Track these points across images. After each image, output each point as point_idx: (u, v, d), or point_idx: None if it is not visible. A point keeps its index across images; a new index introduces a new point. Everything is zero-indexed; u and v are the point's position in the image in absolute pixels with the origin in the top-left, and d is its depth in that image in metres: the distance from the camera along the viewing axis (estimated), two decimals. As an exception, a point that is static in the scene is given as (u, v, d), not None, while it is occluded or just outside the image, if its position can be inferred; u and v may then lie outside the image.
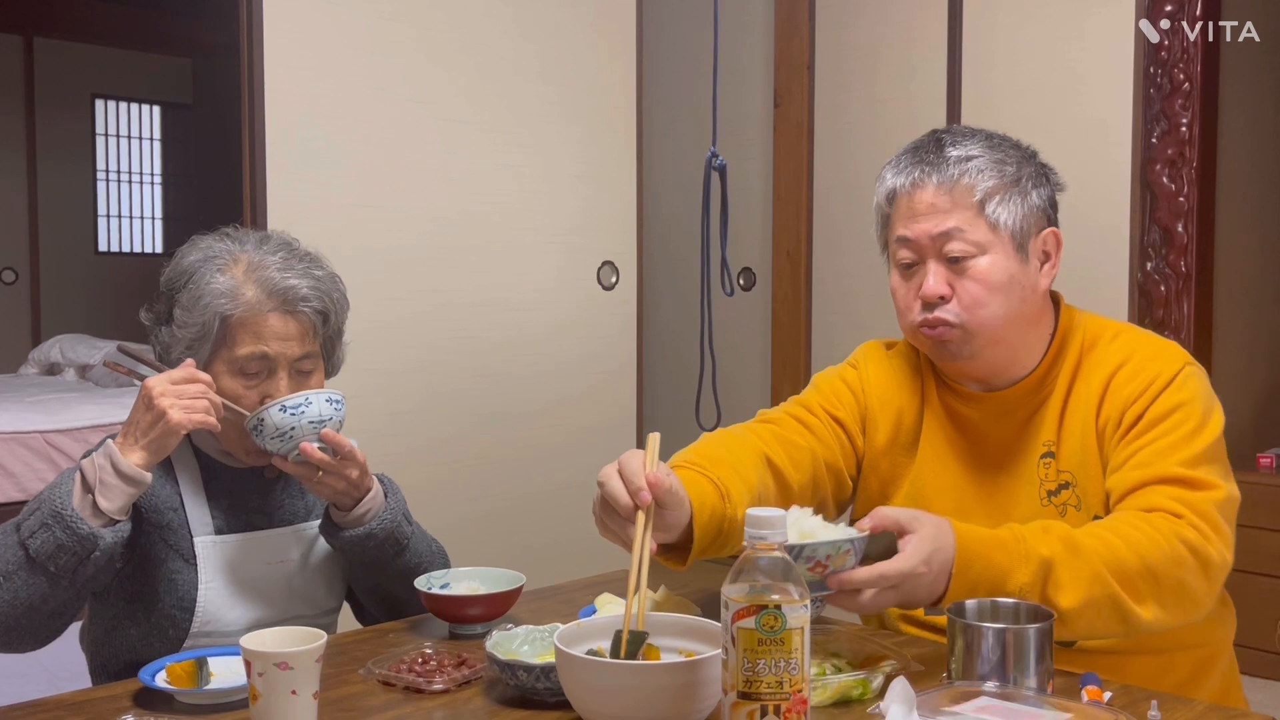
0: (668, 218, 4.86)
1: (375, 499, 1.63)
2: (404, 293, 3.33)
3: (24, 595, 1.44)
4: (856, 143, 4.24)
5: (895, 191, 1.57)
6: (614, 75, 3.78)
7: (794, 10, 4.40)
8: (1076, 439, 1.55)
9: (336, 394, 1.58)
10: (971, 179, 1.51)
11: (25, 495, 3.80)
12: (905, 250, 1.55)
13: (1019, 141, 1.60)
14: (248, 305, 1.56)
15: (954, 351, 1.55)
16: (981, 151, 1.53)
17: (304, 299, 1.59)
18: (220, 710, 1.29)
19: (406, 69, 3.31)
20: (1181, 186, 3.44)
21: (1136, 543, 1.39)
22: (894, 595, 1.32)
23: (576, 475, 3.75)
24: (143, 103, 8.56)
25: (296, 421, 1.53)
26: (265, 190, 3.04)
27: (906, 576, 1.31)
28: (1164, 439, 1.47)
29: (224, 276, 1.57)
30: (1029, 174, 1.55)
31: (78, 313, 7.68)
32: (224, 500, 1.64)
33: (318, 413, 1.54)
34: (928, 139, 1.58)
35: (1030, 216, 1.53)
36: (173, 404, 1.45)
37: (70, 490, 1.45)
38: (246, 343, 1.56)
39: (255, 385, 1.58)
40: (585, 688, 1.18)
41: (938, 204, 1.52)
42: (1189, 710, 1.29)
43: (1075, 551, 1.37)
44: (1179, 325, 3.45)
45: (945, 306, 1.53)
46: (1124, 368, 1.54)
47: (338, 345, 1.71)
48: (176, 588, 1.57)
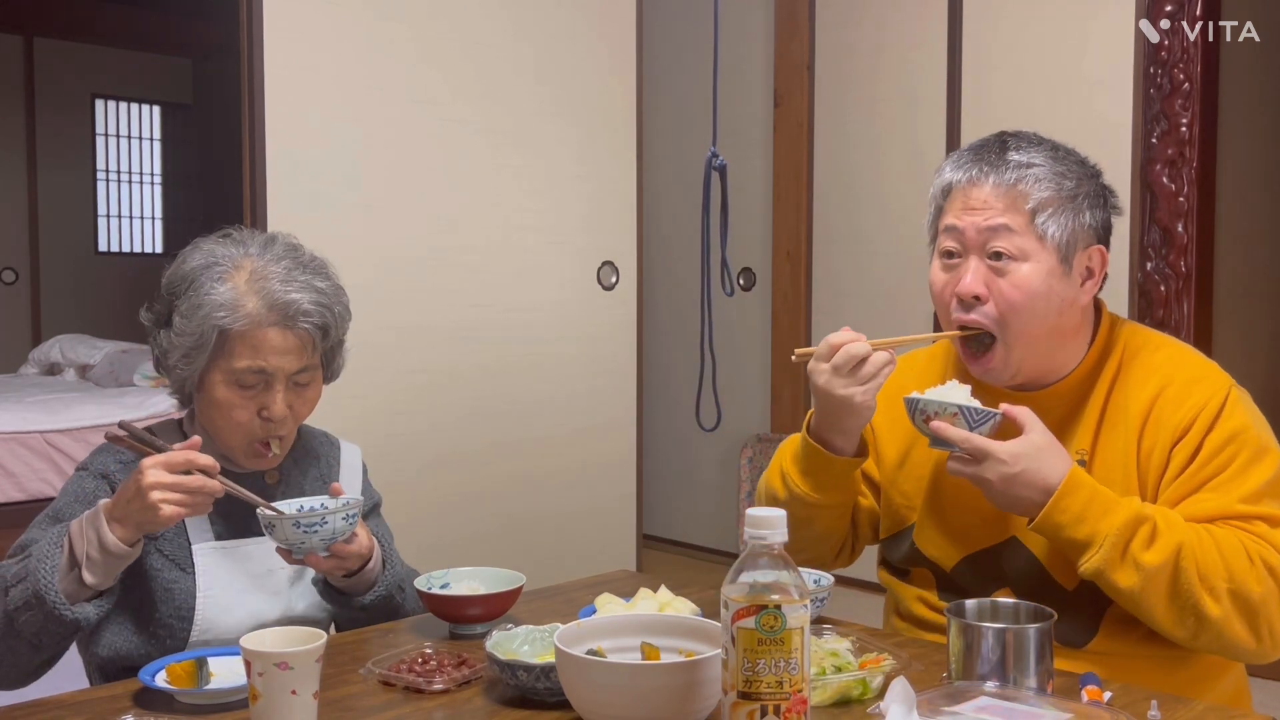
0: (668, 218, 4.87)
1: (374, 567, 1.62)
2: (404, 293, 3.33)
3: (7, 658, 1.45)
4: (856, 143, 4.24)
5: (952, 185, 1.57)
6: (614, 75, 3.78)
7: (794, 10, 4.40)
8: (1112, 453, 1.54)
9: (354, 508, 1.53)
10: (1028, 186, 1.51)
11: (25, 495, 3.80)
12: (951, 240, 1.55)
13: (1085, 159, 1.58)
14: (248, 318, 1.54)
15: (995, 368, 1.56)
16: (1043, 161, 1.53)
17: (305, 314, 1.56)
18: (220, 710, 1.29)
19: (406, 69, 3.31)
20: (1181, 186, 3.44)
21: (1222, 541, 1.42)
22: (970, 469, 1.45)
23: (576, 474, 3.75)
24: (143, 103, 8.56)
25: (307, 539, 1.49)
26: (265, 190, 3.04)
27: (988, 454, 1.42)
28: (1221, 474, 1.47)
29: (224, 286, 1.54)
30: (1086, 192, 1.54)
31: (78, 313, 7.68)
32: (224, 503, 1.61)
33: (331, 532, 1.49)
34: (993, 140, 1.58)
35: (1079, 233, 1.52)
36: (164, 497, 1.40)
37: (56, 565, 1.42)
38: (244, 356, 1.55)
39: (252, 396, 1.57)
40: (585, 688, 1.18)
41: (991, 202, 1.52)
42: (1189, 710, 1.29)
43: (1170, 523, 1.43)
44: (1179, 325, 3.45)
45: (980, 308, 1.53)
46: (1169, 389, 1.53)
47: (337, 355, 1.69)
48: (174, 597, 1.56)
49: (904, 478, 1.68)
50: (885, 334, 1.78)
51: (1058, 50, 3.62)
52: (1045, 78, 3.65)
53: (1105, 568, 1.41)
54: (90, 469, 1.61)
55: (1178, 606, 1.41)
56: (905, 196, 4.05)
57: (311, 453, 1.75)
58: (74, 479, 1.61)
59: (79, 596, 1.43)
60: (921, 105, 4.00)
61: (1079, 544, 1.42)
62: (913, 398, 1.48)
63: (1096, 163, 1.60)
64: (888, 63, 4.12)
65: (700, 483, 4.97)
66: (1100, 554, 1.41)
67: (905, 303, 4.02)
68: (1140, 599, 1.41)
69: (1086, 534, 1.42)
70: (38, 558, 1.43)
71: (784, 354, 4.50)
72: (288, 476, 1.69)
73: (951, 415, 1.45)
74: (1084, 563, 1.43)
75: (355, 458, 1.80)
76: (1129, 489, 1.51)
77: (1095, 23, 3.54)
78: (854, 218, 4.26)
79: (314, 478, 1.72)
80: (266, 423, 1.58)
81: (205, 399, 1.60)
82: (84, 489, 1.58)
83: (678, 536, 5.06)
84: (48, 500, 3.89)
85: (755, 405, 4.66)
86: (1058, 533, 1.43)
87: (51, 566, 1.41)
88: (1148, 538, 1.41)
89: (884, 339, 1.53)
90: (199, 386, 1.60)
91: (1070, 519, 1.42)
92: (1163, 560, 1.40)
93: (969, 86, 3.86)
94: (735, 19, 4.59)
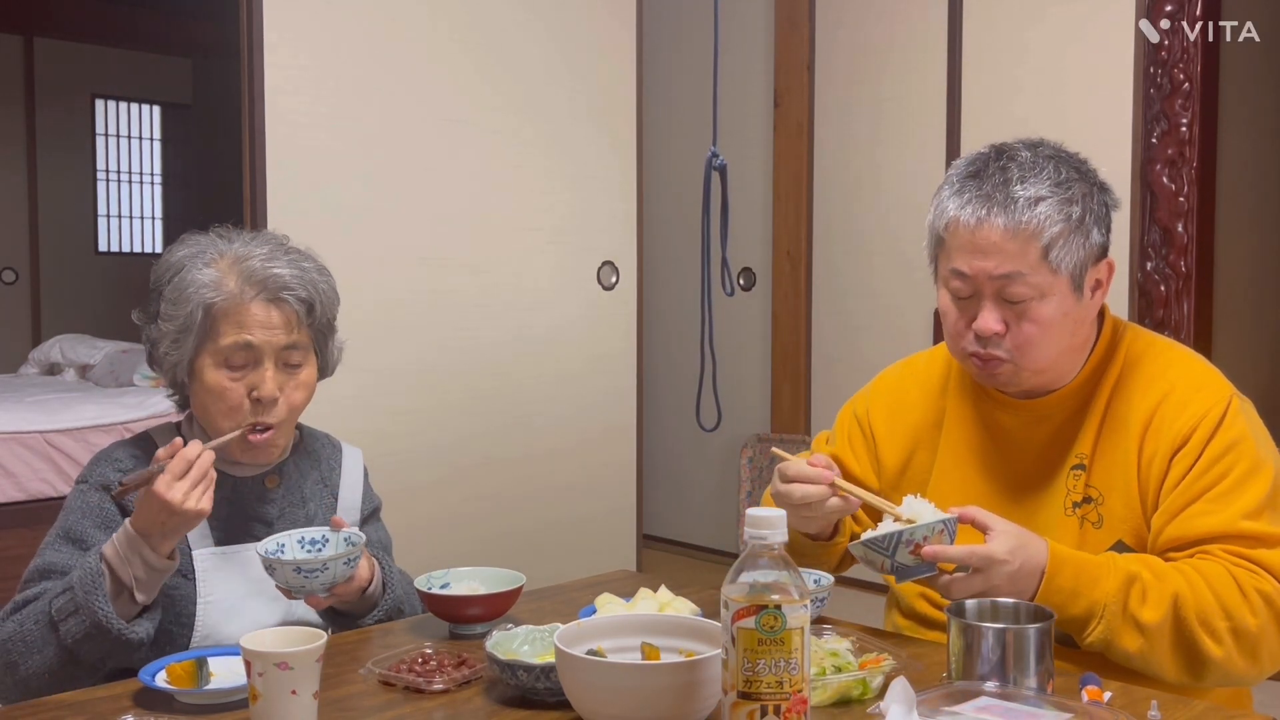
0: (668, 218, 4.86)
1: (374, 592, 1.63)
2: (404, 293, 3.33)
3: (69, 683, 1.45)
4: (856, 143, 4.24)
5: (956, 222, 1.50)
6: (614, 75, 3.78)
7: (794, 10, 4.40)
8: (1112, 459, 1.54)
9: (356, 551, 1.52)
10: (1039, 225, 1.46)
11: (25, 495, 3.79)
12: (960, 283, 1.52)
13: (1081, 164, 1.54)
14: (230, 294, 1.55)
15: (1003, 382, 1.56)
16: (1049, 191, 1.47)
17: (287, 286, 1.57)
18: (220, 710, 1.29)
19: (406, 69, 3.31)
20: (1181, 186, 3.44)
21: (1212, 578, 1.41)
22: (980, 581, 1.39)
23: (576, 475, 3.75)
24: (143, 103, 8.55)
25: (308, 583, 1.48)
26: (265, 190, 3.04)
27: (992, 561, 1.38)
28: (1219, 484, 1.46)
29: (209, 269, 1.57)
30: (1091, 209, 1.50)
31: (78, 313, 7.68)
32: (224, 508, 1.61)
33: (332, 578, 1.49)
34: (993, 167, 1.50)
35: (1089, 255, 1.51)
36: (190, 496, 1.43)
37: (105, 593, 1.44)
38: (229, 333, 1.56)
39: (241, 377, 1.57)
40: (585, 688, 1.18)
41: (1001, 245, 1.47)
42: (1189, 710, 1.29)
43: (1158, 574, 1.42)
44: (1179, 325, 3.45)
45: (999, 343, 1.51)
46: (1170, 397, 1.52)
47: (329, 341, 1.69)
48: (174, 603, 1.56)
49: (906, 484, 1.68)
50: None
51: (1058, 50, 3.62)
52: (1045, 78, 3.65)
53: (1110, 635, 1.41)
54: (90, 481, 1.60)
55: (1184, 655, 1.41)
56: (905, 196, 4.05)
57: (312, 455, 1.74)
58: (76, 494, 1.60)
59: (130, 614, 1.46)
60: (921, 105, 4.00)
61: (1079, 620, 1.42)
62: (888, 534, 1.40)
63: (1087, 159, 1.57)
64: (888, 63, 4.12)
65: (700, 483, 4.96)
66: (1104, 624, 1.41)
67: (905, 302, 4.02)
68: (1149, 657, 1.41)
69: (1084, 608, 1.41)
70: (83, 589, 1.43)
71: (784, 354, 4.50)
72: (288, 479, 1.69)
73: (939, 533, 1.39)
74: (1088, 636, 1.42)
75: (357, 461, 1.79)
76: (1128, 495, 1.51)
77: (1095, 23, 3.54)
78: (854, 218, 4.26)
79: (314, 481, 1.72)
80: (257, 404, 1.57)
81: (197, 387, 1.59)
82: (89, 503, 1.58)
83: (678, 537, 5.06)
84: (48, 500, 3.88)
85: (755, 405, 4.66)
86: (1057, 613, 1.39)
87: (102, 595, 1.43)
88: (1141, 596, 1.41)
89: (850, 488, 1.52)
90: (190, 374, 1.59)
91: (1065, 597, 1.41)
92: (1162, 615, 1.40)
93: (969, 86, 3.86)
94: (735, 19, 4.59)
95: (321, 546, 1.56)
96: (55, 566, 1.52)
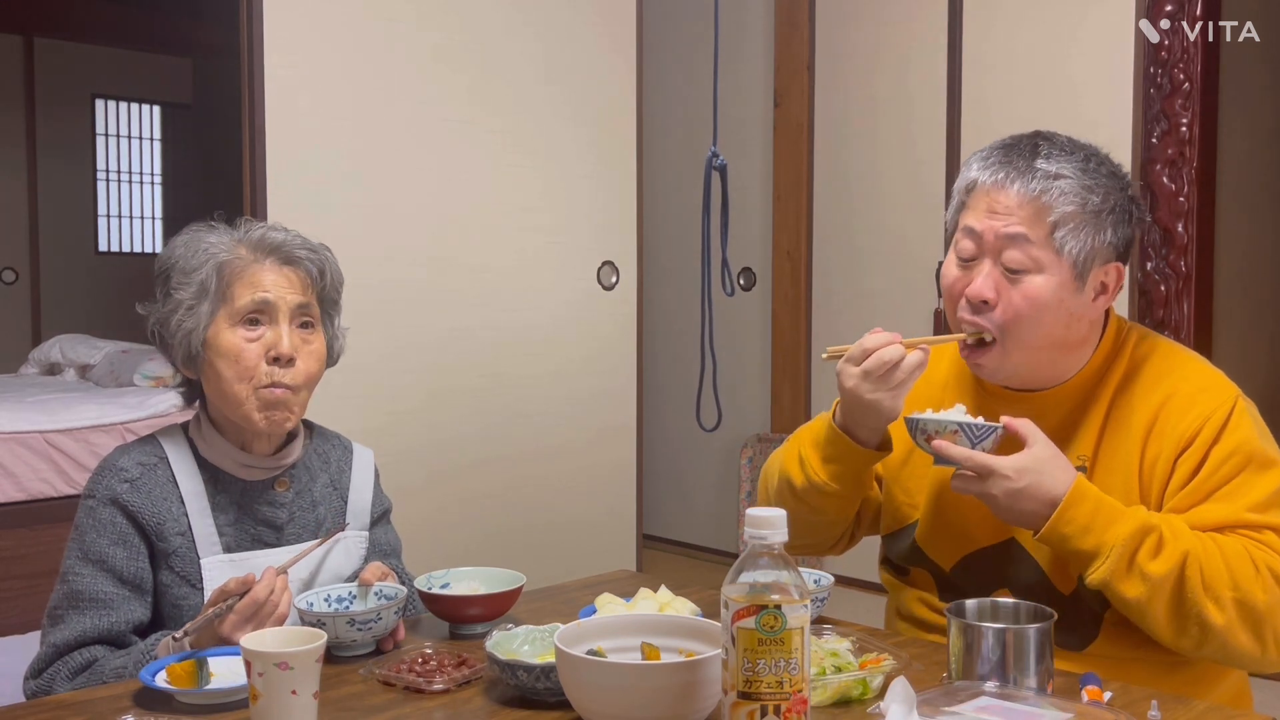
0: (668, 218, 4.87)
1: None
2: (404, 293, 3.33)
3: None
4: (856, 143, 4.24)
5: (977, 184, 1.54)
6: (614, 75, 3.78)
7: (794, 10, 4.40)
8: (1114, 459, 1.53)
9: (400, 602, 1.50)
10: (1052, 198, 1.48)
11: (26, 495, 3.79)
12: (968, 241, 1.54)
13: (1118, 169, 1.55)
14: (242, 259, 1.59)
15: (990, 370, 1.56)
16: (1072, 173, 1.49)
17: (297, 250, 1.61)
18: (220, 710, 1.29)
19: (406, 69, 3.31)
20: (1181, 186, 3.44)
21: (1227, 548, 1.41)
22: (976, 486, 1.44)
23: (577, 475, 3.75)
24: (143, 103, 8.55)
25: (360, 635, 1.47)
26: (265, 190, 3.04)
27: (991, 471, 1.42)
28: (1226, 485, 1.47)
29: (216, 236, 1.61)
30: (1112, 208, 1.51)
31: (78, 313, 7.67)
32: (232, 513, 1.60)
33: (385, 628, 1.48)
34: (1026, 141, 1.54)
35: (1098, 250, 1.50)
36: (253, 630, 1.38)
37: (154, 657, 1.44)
38: (244, 293, 1.57)
39: (258, 337, 1.57)
40: (585, 688, 1.18)
41: (1014, 209, 1.49)
42: (1189, 710, 1.29)
43: (1176, 532, 1.42)
44: (1179, 325, 3.45)
45: (988, 314, 1.52)
46: (1174, 399, 1.52)
47: (335, 319, 1.69)
48: (182, 614, 1.55)
49: (908, 475, 1.68)
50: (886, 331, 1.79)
51: (1057, 50, 3.62)
52: (1045, 78, 3.65)
53: (1112, 578, 1.41)
54: (98, 496, 1.56)
55: (1181, 615, 1.40)
56: (905, 197, 4.05)
57: (322, 456, 1.73)
58: (85, 511, 1.57)
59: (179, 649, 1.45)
60: (921, 105, 4.00)
61: (1085, 555, 1.42)
62: (913, 418, 1.47)
63: (1128, 173, 1.57)
64: (888, 63, 4.12)
65: (700, 483, 4.97)
66: (1107, 565, 1.40)
67: (904, 302, 4.03)
68: (1146, 609, 1.41)
69: (1093, 545, 1.41)
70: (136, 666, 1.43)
71: (784, 354, 4.50)
72: (299, 483, 1.67)
73: (952, 433, 1.44)
74: (1090, 574, 1.42)
75: (367, 462, 1.78)
76: (1130, 496, 1.51)
77: (1095, 22, 3.54)
78: (854, 218, 4.26)
79: (324, 484, 1.71)
80: (274, 364, 1.57)
81: (211, 355, 1.57)
82: (100, 520, 1.55)
83: (678, 537, 5.06)
84: (48, 500, 3.87)
85: (755, 405, 4.66)
86: (1063, 544, 1.43)
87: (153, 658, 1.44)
88: (1154, 547, 1.40)
89: (916, 338, 1.52)
90: (204, 344, 1.57)
91: (1076, 530, 1.41)
92: (1168, 570, 1.39)
93: (969, 86, 3.86)
94: (735, 19, 4.59)
95: (349, 604, 1.54)
96: (84, 595, 1.51)
